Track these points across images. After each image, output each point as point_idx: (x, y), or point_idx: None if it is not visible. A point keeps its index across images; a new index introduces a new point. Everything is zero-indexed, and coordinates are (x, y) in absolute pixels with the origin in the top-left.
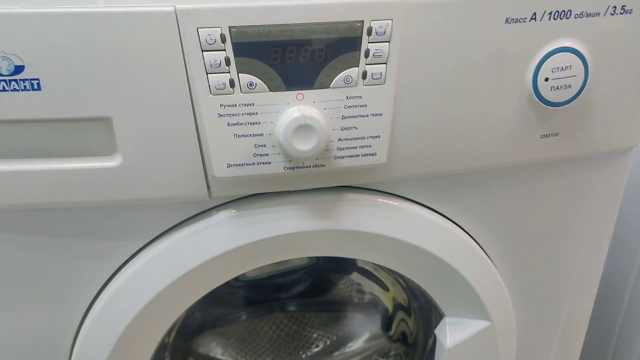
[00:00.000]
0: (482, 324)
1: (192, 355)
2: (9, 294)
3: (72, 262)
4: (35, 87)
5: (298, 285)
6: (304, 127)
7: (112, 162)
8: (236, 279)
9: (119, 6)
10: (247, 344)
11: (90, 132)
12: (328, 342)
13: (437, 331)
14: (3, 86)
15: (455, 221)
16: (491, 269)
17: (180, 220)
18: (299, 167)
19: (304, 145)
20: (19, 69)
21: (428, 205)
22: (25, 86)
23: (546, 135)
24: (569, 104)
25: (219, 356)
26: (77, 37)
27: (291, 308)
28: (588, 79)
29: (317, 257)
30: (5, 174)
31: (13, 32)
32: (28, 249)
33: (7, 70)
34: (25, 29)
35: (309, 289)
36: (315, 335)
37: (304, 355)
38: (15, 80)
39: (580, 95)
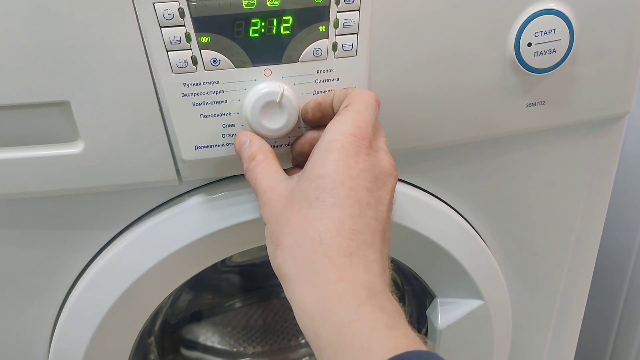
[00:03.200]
0: (475, 304)
1: (183, 344)
2: None
3: (45, 254)
4: None
5: None
6: (272, 104)
7: (74, 148)
8: (227, 265)
9: None
10: (245, 331)
11: (48, 118)
12: None
13: (428, 312)
14: None
15: (441, 198)
16: (481, 245)
17: (152, 207)
18: (271, 147)
19: (274, 124)
20: None
21: (411, 182)
22: None
23: (532, 104)
24: (554, 70)
25: (216, 345)
26: (25, 18)
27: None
28: (574, 42)
29: None
30: None
31: None
32: None
33: None
34: None
35: None
36: None
37: (302, 341)
38: None
39: (566, 61)
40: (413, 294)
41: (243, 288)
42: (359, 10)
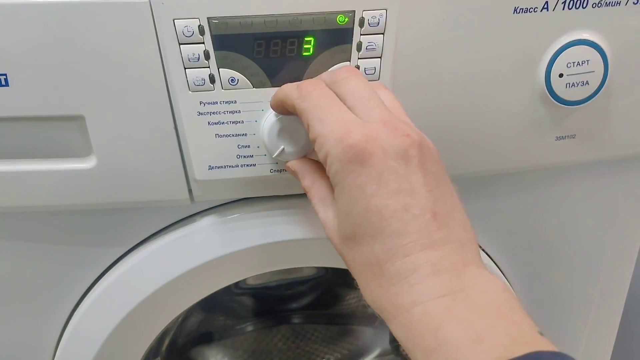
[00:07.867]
0: None
1: None
2: None
3: (53, 269)
4: (3, 82)
5: (306, 297)
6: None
7: (86, 163)
8: (240, 287)
9: None
10: (255, 356)
11: (62, 132)
12: (339, 357)
13: None
14: None
15: None
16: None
17: (163, 227)
18: (286, 170)
19: (291, 147)
20: None
21: None
22: None
23: (561, 137)
24: (586, 103)
25: None
26: (47, 30)
27: (298, 320)
28: (608, 75)
29: (325, 269)
30: None
31: None
32: (6, 255)
33: None
34: None
35: (317, 301)
36: (325, 349)
37: None
38: None
39: (598, 93)
40: None
41: (256, 311)
42: (383, 34)
